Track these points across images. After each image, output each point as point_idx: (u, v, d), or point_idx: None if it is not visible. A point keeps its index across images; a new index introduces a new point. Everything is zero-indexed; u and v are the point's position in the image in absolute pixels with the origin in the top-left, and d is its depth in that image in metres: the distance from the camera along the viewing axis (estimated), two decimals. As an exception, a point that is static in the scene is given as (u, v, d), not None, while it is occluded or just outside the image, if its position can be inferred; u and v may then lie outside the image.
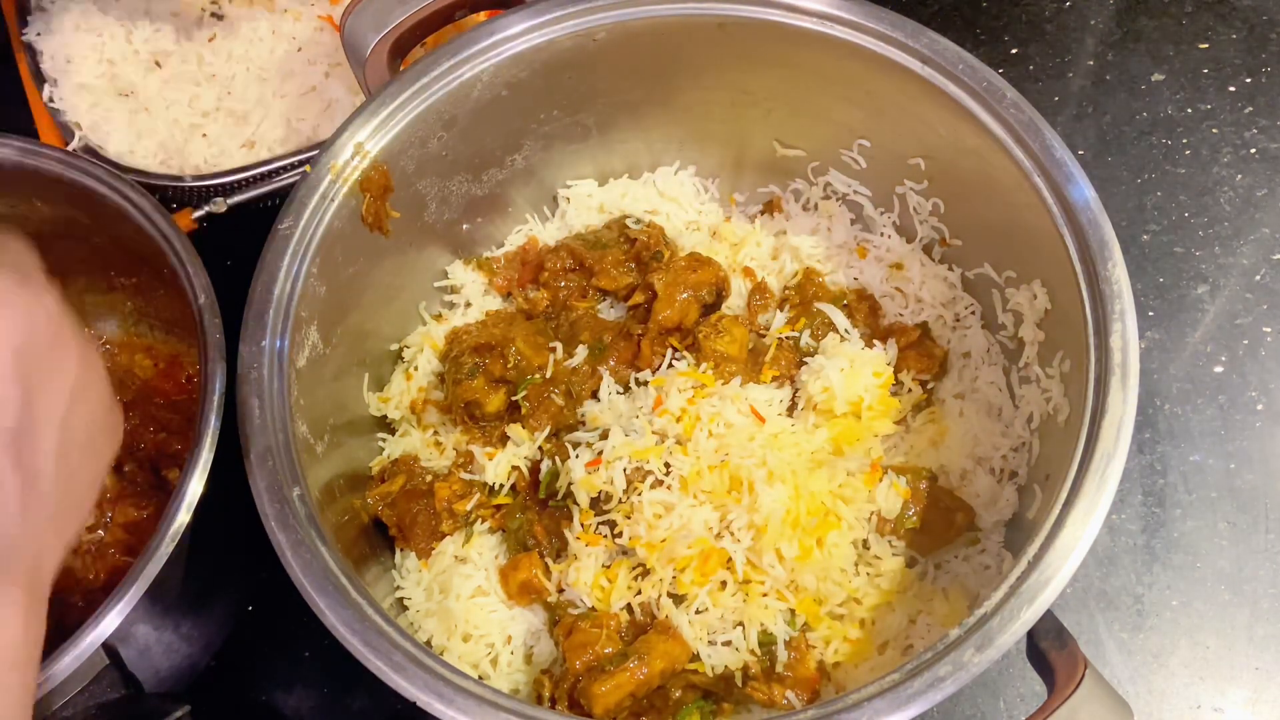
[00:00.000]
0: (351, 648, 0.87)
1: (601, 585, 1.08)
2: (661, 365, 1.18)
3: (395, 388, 1.25)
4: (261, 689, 1.21)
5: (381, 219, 1.15)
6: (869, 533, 1.09)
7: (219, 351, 1.04)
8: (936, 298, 1.25)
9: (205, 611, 1.16)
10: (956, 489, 1.14)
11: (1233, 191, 1.50)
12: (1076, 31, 1.66)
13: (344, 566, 0.93)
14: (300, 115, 1.49)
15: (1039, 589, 0.86)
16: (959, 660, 0.84)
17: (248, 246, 1.07)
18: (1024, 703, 1.18)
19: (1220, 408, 1.35)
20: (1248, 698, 1.18)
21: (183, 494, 0.98)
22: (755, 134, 1.31)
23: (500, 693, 0.86)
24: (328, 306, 1.10)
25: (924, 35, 1.11)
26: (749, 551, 1.05)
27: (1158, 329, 1.40)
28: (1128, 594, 1.24)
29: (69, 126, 1.44)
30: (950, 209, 1.23)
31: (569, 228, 1.34)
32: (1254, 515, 1.27)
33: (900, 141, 1.21)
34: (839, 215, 1.31)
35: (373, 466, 1.21)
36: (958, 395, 1.20)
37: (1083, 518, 0.89)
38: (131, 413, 1.27)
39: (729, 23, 1.16)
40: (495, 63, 1.15)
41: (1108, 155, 1.54)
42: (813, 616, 1.06)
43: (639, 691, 1.01)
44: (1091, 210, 1.01)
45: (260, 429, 0.97)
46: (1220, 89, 1.58)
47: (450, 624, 1.10)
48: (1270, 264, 1.44)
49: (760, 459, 1.08)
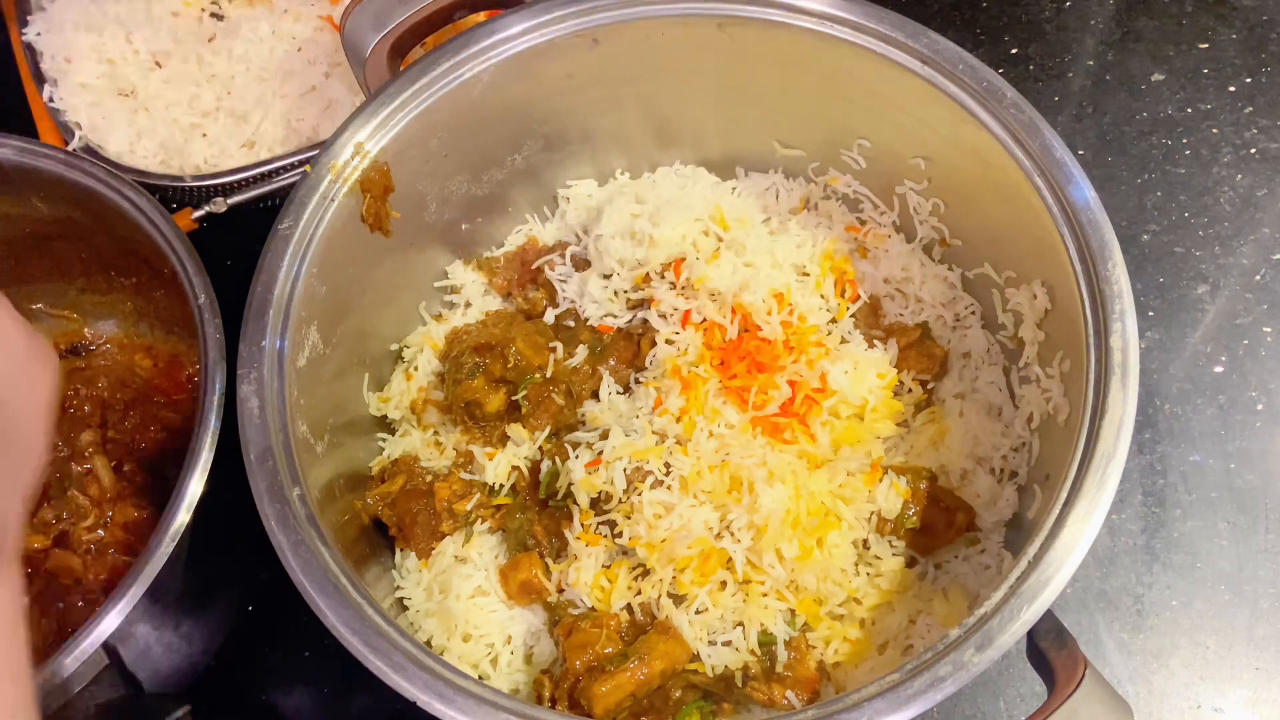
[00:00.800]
0: (351, 648, 0.87)
1: (601, 585, 1.08)
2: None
3: (395, 388, 1.25)
4: (261, 689, 1.21)
5: (382, 219, 1.15)
6: (869, 533, 1.09)
7: (219, 351, 1.05)
8: (936, 298, 1.25)
9: (205, 611, 1.16)
10: (956, 489, 1.14)
11: (1233, 191, 1.50)
12: (1076, 31, 1.66)
13: (344, 566, 0.93)
14: (300, 115, 1.49)
15: (1039, 589, 0.86)
16: (959, 660, 0.84)
17: (248, 246, 1.07)
18: (1024, 703, 1.18)
19: (1220, 408, 1.35)
20: (1248, 698, 1.18)
21: (182, 494, 0.98)
22: (755, 134, 1.31)
23: (500, 693, 0.86)
24: (328, 306, 1.10)
25: (924, 35, 1.10)
26: (749, 551, 1.05)
27: (1158, 329, 1.40)
28: (1128, 594, 1.24)
29: (69, 126, 1.45)
30: (950, 209, 1.23)
31: (569, 228, 1.34)
32: (1254, 515, 1.27)
33: (900, 141, 1.21)
34: (839, 215, 1.31)
35: (373, 466, 1.21)
36: (958, 395, 1.20)
37: (1083, 518, 0.89)
38: (132, 412, 1.27)
39: (729, 23, 1.16)
40: (495, 63, 1.15)
41: (1108, 155, 1.54)
42: (813, 616, 1.06)
43: (639, 692, 1.01)
44: (1091, 210, 1.01)
45: (260, 429, 0.97)
46: (1220, 89, 1.58)
47: (450, 624, 1.10)
48: (1270, 264, 1.44)
49: (760, 459, 1.08)
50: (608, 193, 1.34)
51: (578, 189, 1.35)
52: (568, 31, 1.16)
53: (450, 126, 1.18)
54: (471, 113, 1.18)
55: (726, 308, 1.17)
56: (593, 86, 1.24)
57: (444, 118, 1.16)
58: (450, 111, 1.16)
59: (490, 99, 1.18)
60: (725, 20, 1.16)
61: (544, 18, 1.15)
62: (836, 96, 1.20)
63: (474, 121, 1.19)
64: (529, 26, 1.15)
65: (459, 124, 1.18)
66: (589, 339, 1.22)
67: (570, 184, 1.35)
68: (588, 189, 1.35)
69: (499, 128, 1.23)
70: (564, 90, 1.23)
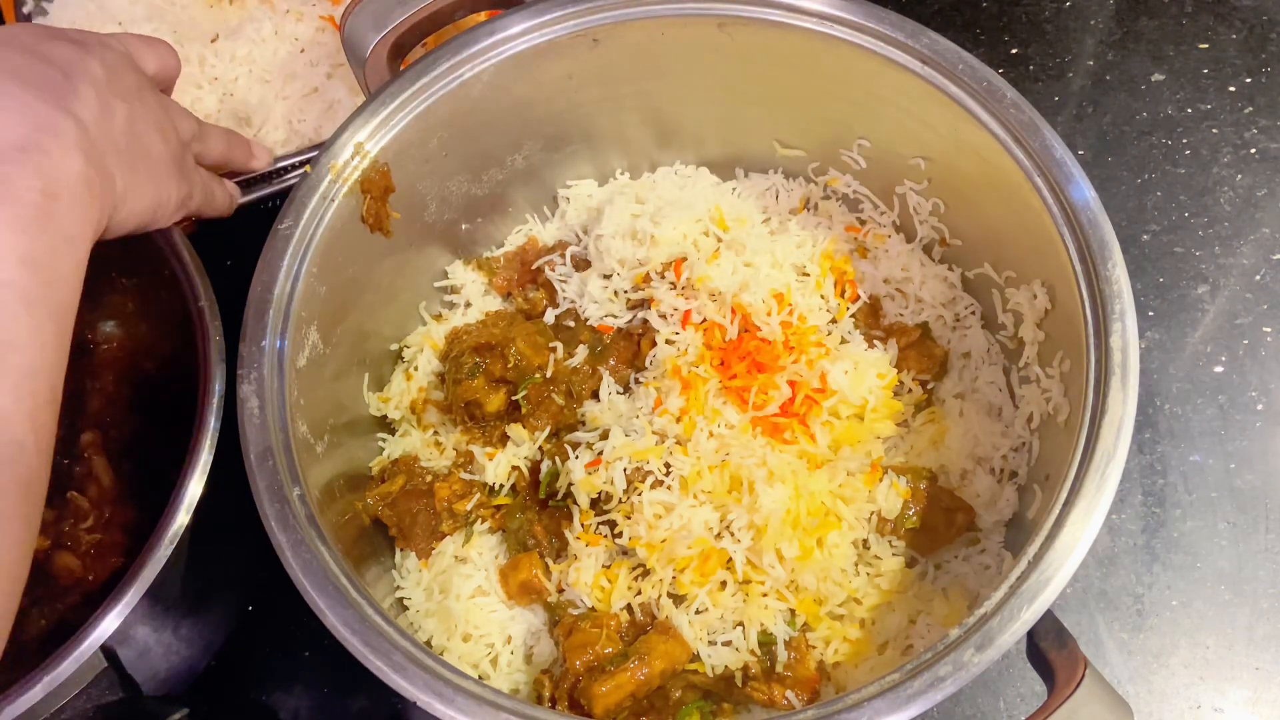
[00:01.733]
0: (351, 648, 0.87)
1: (601, 585, 1.08)
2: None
3: (395, 388, 1.25)
4: (261, 689, 1.21)
5: (382, 220, 1.15)
6: (869, 533, 1.09)
7: (219, 353, 1.04)
8: (936, 298, 1.25)
9: (205, 612, 1.16)
10: (956, 489, 1.14)
11: (1233, 191, 1.50)
12: (1076, 31, 1.66)
13: (344, 566, 0.93)
14: (302, 117, 1.48)
15: (1039, 589, 0.86)
16: (959, 660, 0.84)
17: (248, 246, 1.07)
18: (1024, 703, 1.18)
19: (1220, 408, 1.35)
20: (1248, 698, 1.18)
21: (182, 495, 0.98)
22: (755, 134, 1.31)
23: (500, 693, 0.86)
24: (328, 306, 1.10)
25: (924, 35, 1.10)
26: (749, 552, 1.05)
27: (1158, 329, 1.40)
28: (1128, 594, 1.24)
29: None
30: (950, 209, 1.23)
31: (569, 228, 1.34)
32: (1254, 515, 1.27)
33: (900, 141, 1.21)
34: (839, 215, 1.31)
35: (373, 466, 1.21)
36: (958, 395, 1.20)
37: (1083, 518, 0.89)
38: (131, 413, 1.27)
39: (729, 23, 1.16)
40: (495, 63, 1.15)
41: (1108, 155, 1.54)
42: (813, 617, 1.06)
43: (639, 692, 1.01)
44: (1091, 210, 1.01)
45: (260, 429, 0.97)
46: (1220, 89, 1.58)
47: (450, 624, 1.10)
48: (1270, 264, 1.44)
49: (760, 459, 1.08)
50: (608, 193, 1.34)
51: (578, 189, 1.35)
52: (568, 31, 1.16)
53: (450, 126, 1.18)
54: (471, 113, 1.18)
55: (726, 308, 1.17)
56: (593, 86, 1.24)
57: (444, 118, 1.16)
58: (450, 111, 1.16)
59: (490, 99, 1.18)
60: (725, 20, 1.16)
61: (544, 18, 1.15)
62: (836, 96, 1.21)
63: (474, 121, 1.19)
64: (529, 26, 1.15)
65: (459, 124, 1.18)
66: (589, 339, 1.22)
67: (570, 184, 1.35)
68: (588, 189, 1.35)
69: (499, 128, 1.23)
70: (564, 90, 1.23)
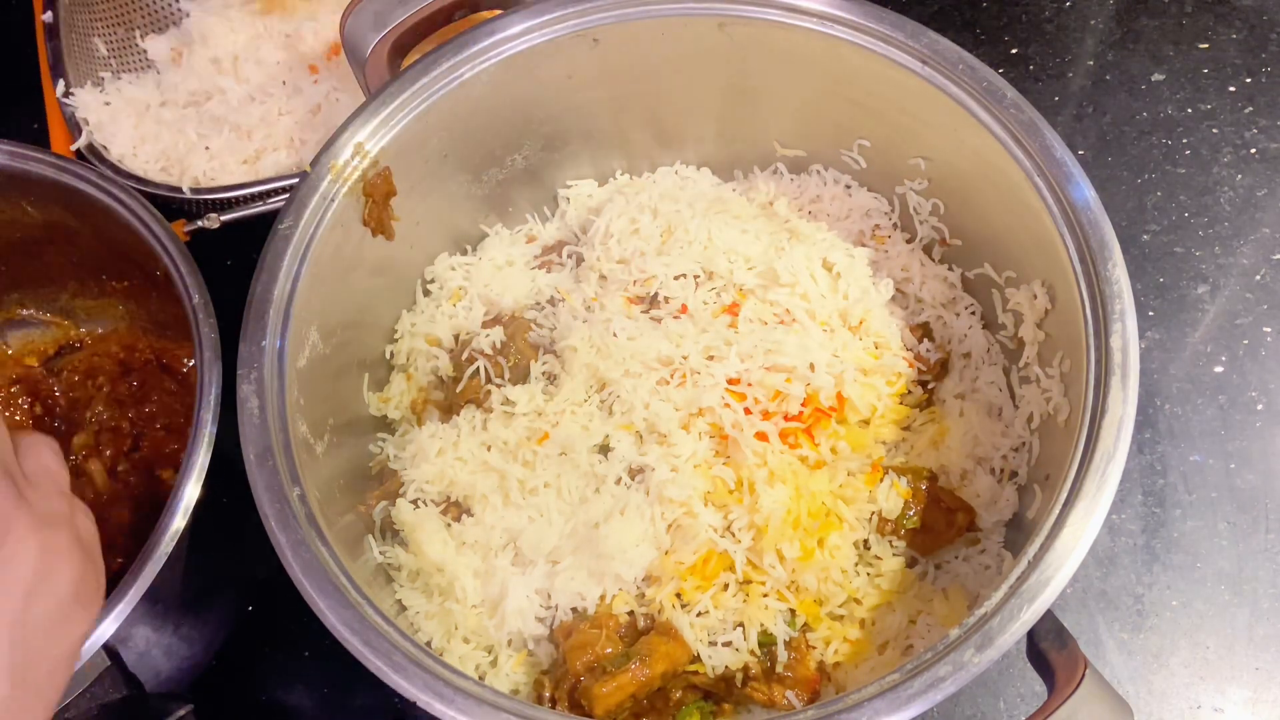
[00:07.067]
0: (351, 648, 0.87)
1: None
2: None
3: (395, 388, 1.25)
4: (262, 689, 1.21)
5: (384, 223, 1.15)
6: (869, 533, 1.09)
7: (214, 352, 1.04)
8: (936, 298, 1.25)
9: (205, 612, 1.16)
10: (957, 489, 1.14)
11: (1233, 191, 1.50)
12: (1076, 31, 1.66)
13: (344, 567, 0.93)
14: (304, 135, 1.48)
15: (1039, 589, 0.86)
16: (959, 660, 0.84)
17: (247, 247, 1.07)
18: (1024, 703, 1.18)
19: (1220, 408, 1.35)
20: (1248, 698, 1.18)
21: (179, 498, 0.98)
22: (755, 134, 1.31)
23: (500, 693, 0.86)
24: (328, 306, 1.10)
25: (924, 35, 1.10)
26: (749, 552, 1.05)
27: (1158, 329, 1.40)
28: (1128, 594, 1.24)
29: (77, 122, 1.45)
30: (950, 209, 1.23)
31: (569, 228, 1.34)
32: (1254, 515, 1.27)
33: (900, 141, 1.21)
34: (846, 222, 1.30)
35: (373, 466, 1.21)
36: (958, 395, 1.20)
37: (1083, 518, 0.89)
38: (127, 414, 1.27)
39: (729, 23, 1.16)
40: (495, 63, 1.15)
41: (1108, 155, 1.54)
42: (813, 617, 1.06)
43: (640, 692, 1.01)
44: (1091, 210, 1.01)
45: (260, 429, 0.97)
46: (1220, 89, 1.58)
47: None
48: (1270, 264, 1.44)
49: (761, 459, 1.08)
50: (608, 193, 1.34)
51: (578, 189, 1.35)
52: (568, 31, 1.16)
53: (450, 127, 1.18)
54: (471, 113, 1.18)
55: (781, 376, 1.17)
56: (593, 86, 1.24)
57: (444, 118, 1.16)
58: (450, 112, 1.16)
59: (490, 99, 1.18)
60: (725, 20, 1.16)
61: (544, 18, 1.15)
62: (836, 96, 1.20)
63: (474, 122, 1.19)
64: (529, 26, 1.15)
65: (459, 124, 1.18)
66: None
67: (570, 184, 1.35)
68: (588, 189, 1.35)
69: (499, 128, 1.23)
70: (564, 90, 1.23)
